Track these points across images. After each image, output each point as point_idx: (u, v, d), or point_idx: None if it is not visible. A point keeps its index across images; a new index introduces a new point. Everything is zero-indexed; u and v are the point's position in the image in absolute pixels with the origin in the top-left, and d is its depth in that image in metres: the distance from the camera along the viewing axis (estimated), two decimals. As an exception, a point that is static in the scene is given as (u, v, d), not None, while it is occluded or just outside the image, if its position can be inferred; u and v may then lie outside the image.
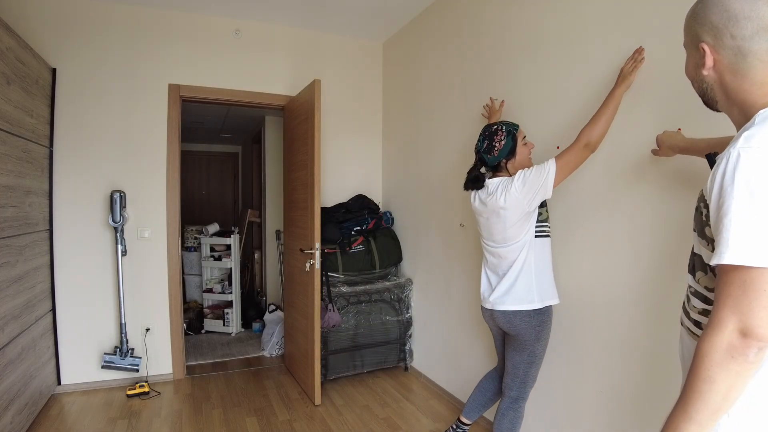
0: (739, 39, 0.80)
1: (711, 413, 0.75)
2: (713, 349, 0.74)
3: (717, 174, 0.77)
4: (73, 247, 3.04)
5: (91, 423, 2.63)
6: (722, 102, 0.88)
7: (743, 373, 0.73)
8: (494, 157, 1.88)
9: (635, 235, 1.74)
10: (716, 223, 0.76)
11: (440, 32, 3.05)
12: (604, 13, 1.87)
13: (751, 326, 0.71)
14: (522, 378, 1.90)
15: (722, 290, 0.75)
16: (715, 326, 0.74)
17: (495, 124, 1.91)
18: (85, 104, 3.06)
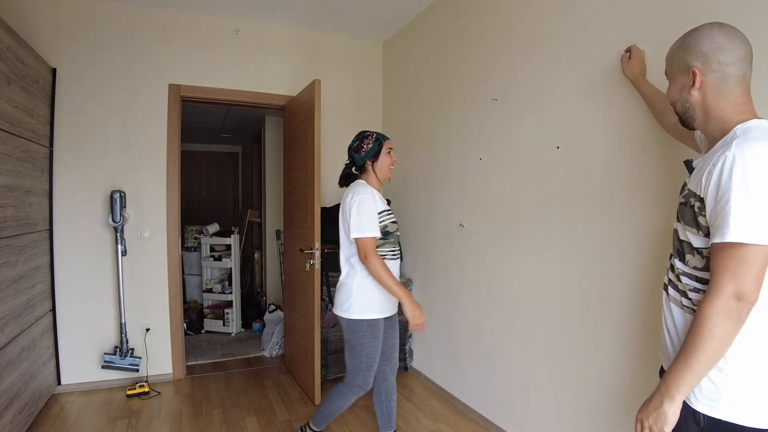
0: (723, 65, 1.02)
1: (707, 362, 0.95)
2: (713, 310, 0.93)
3: (714, 172, 0.95)
4: (73, 247, 3.04)
5: (91, 423, 2.63)
6: (700, 119, 1.09)
7: (736, 329, 0.93)
8: (361, 156, 2.08)
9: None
10: (716, 212, 0.95)
11: (440, 32, 3.05)
12: (604, 13, 1.87)
13: (744, 292, 0.91)
14: (347, 370, 2.08)
15: (721, 263, 0.94)
16: (715, 293, 0.93)
17: (368, 131, 2.12)
18: (85, 104, 3.06)
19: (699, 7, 1.51)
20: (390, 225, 2.04)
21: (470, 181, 2.76)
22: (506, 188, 2.46)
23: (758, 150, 0.92)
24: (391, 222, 2.05)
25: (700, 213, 1.00)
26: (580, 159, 2.00)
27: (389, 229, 2.04)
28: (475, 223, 2.73)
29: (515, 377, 2.41)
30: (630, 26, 1.76)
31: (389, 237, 2.04)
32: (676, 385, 0.98)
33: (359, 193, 1.98)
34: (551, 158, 2.15)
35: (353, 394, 2.07)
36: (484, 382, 2.66)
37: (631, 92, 1.76)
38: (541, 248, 2.22)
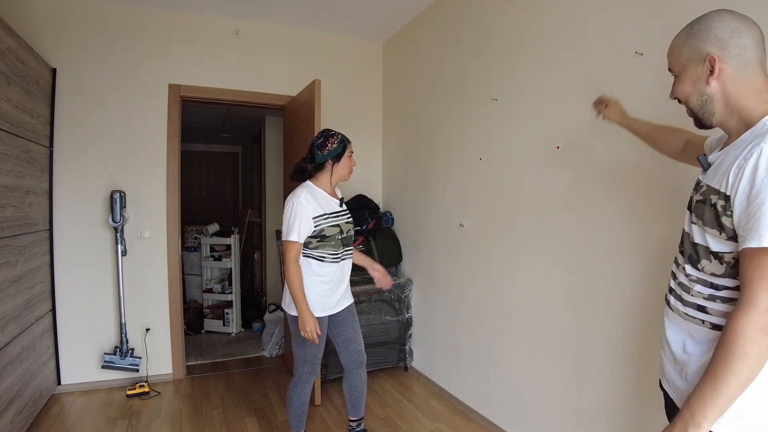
0: (742, 48, 0.92)
1: (740, 386, 0.82)
2: (748, 326, 0.81)
3: (747, 168, 0.84)
4: (73, 247, 3.04)
5: (91, 423, 2.63)
6: (720, 112, 0.97)
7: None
8: (323, 155, 2.10)
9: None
10: (749, 213, 0.83)
11: (440, 32, 3.05)
12: (604, 13, 1.87)
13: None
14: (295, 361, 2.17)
15: (756, 272, 0.82)
16: (750, 306, 0.81)
17: (333, 131, 2.14)
18: (85, 104, 3.06)
19: (700, 6, 1.51)
20: (327, 229, 2.06)
21: (470, 181, 2.76)
22: (506, 188, 2.46)
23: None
24: (329, 226, 2.07)
25: (725, 213, 0.88)
26: (580, 159, 2.00)
27: (326, 233, 2.06)
28: (475, 223, 2.73)
29: (515, 377, 2.41)
30: (630, 26, 1.76)
31: (326, 240, 2.07)
32: (702, 412, 0.84)
33: (295, 195, 2.05)
34: (551, 158, 2.15)
35: (304, 381, 2.16)
36: (484, 382, 2.66)
37: (631, 92, 1.76)
38: (542, 248, 2.22)
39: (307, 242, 2.06)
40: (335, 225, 2.10)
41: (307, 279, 2.06)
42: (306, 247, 2.07)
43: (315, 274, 2.07)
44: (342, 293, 2.17)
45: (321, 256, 2.07)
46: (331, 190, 2.17)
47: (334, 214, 2.12)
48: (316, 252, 2.07)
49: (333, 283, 2.12)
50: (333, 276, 2.11)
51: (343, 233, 2.12)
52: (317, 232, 2.05)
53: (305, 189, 2.08)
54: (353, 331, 2.24)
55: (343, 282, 2.17)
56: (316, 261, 2.08)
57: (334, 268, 2.11)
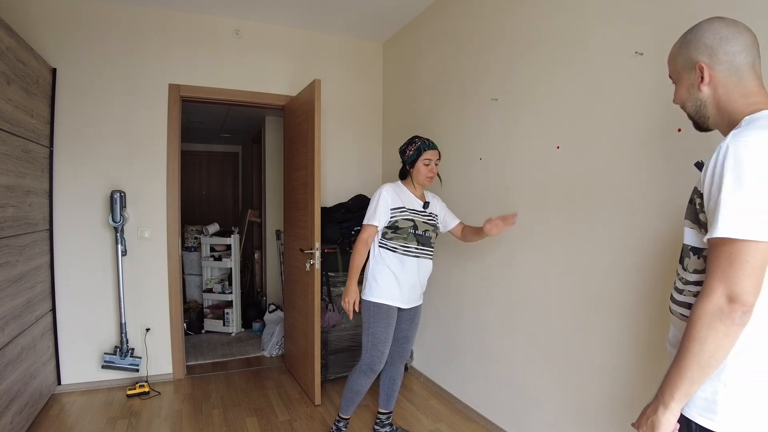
0: (731, 54, 0.96)
1: (701, 369, 0.87)
2: (704, 312, 0.86)
3: (710, 165, 0.90)
4: (73, 247, 3.04)
5: (91, 423, 2.63)
6: (713, 116, 1.02)
7: (730, 334, 0.85)
8: (404, 160, 2.31)
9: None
10: (710, 206, 0.89)
11: (440, 32, 3.05)
12: (604, 13, 1.87)
13: (736, 293, 0.83)
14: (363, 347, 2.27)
15: (712, 262, 0.87)
16: (706, 293, 0.87)
17: (418, 138, 2.28)
18: (86, 104, 3.06)
19: (700, 4, 1.51)
20: (401, 221, 2.20)
21: (470, 181, 2.76)
22: (506, 188, 2.46)
23: (754, 138, 0.85)
24: (403, 219, 2.20)
25: (701, 210, 0.94)
26: (580, 159, 2.00)
27: (399, 224, 2.20)
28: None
29: (515, 377, 2.41)
30: (630, 26, 1.76)
31: (399, 232, 2.20)
32: (669, 392, 0.91)
33: (381, 187, 2.26)
34: (551, 158, 2.15)
35: (361, 371, 2.26)
36: (484, 382, 2.66)
37: (632, 92, 1.76)
38: (542, 248, 2.22)
39: (383, 232, 2.24)
40: (410, 219, 2.21)
41: (379, 267, 2.23)
42: (383, 237, 2.24)
43: (386, 264, 2.21)
44: (414, 291, 2.26)
45: (393, 247, 2.21)
46: (417, 192, 2.31)
47: (412, 210, 2.24)
48: (390, 243, 2.22)
49: (403, 277, 2.20)
50: (404, 269, 2.20)
51: (417, 229, 2.22)
52: (392, 223, 2.21)
53: (391, 183, 2.29)
54: (411, 332, 2.37)
55: (416, 280, 2.24)
56: (389, 251, 2.22)
57: (405, 262, 2.20)
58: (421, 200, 2.31)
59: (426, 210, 2.30)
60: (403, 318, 2.32)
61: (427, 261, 2.28)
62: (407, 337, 2.36)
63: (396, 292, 2.21)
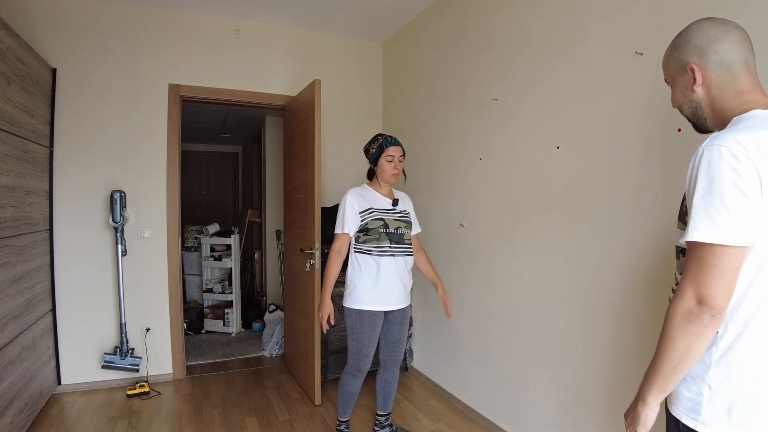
0: (721, 53, 0.95)
1: (672, 367, 0.89)
2: (675, 313, 0.88)
3: (689, 168, 0.91)
4: (73, 247, 3.04)
5: (91, 423, 2.63)
6: (710, 117, 1.01)
7: (699, 335, 0.86)
8: (368, 158, 2.28)
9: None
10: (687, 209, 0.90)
11: (440, 32, 3.05)
12: (604, 14, 1.87)
13: (704, 295, 0.84)
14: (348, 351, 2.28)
15: (686, 265, 0.89)
16: (678, 294, 0.88)
17: (380, 135, 2.26)
18: (86, 104, 3.06)
19: (700, 5, 1.51)
20: (371, 222, 2.18)
21: (470, 181, 2.76)
22: (506, 188, 2.46)
23: (730, 141, 0.84)
24: (372, 219, 2.18)
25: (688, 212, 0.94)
26: (580, 159, 2.00)
27: (369, 226, 2.18)
28: (475, 223, 2.73)
29: (515, 377, 2.41)
30: (630, 25, 1.76)
31: (371, 233, 2.19)
32: (647, 388, 0.94)
33: (345, 194, 2.24)
34: (551, 158, 2.15)
35: (347, 374, 2.29)
36: (484, 382, 2.66)
37: (631, 92, 1.76)
38: (542, 248, 2.22)
39: (356, 237, 2.23)
40: (379, 218, 2.19)
41: (357, 272, 2.21)
42: (356, 242, 2.23)
43: (363, 268, 2.20)
44: (396, 291, 2.22)
45: (367, 249, 2.20)
46: (384, 191, 2.28)
47: (380, 210, 2.22)
48: (364, 246, 2.21)
49: (382, 279, 2.18)
50: (381, 270, 2.18)
51: (388, 227, 2.20)
52: (362, 226, 2.20)
53: (355, 188, 2.29)
54: (401, 335, 2.33)
55: (397, 279, 2.22)
56: (363, 255, 2.21)
57: (381, 263, 2.18)
58: (389, 198, 2.28)
59: (396, 207, 2.27)
60: (392, 321, 2.29)
61: (404, 258, 2.25)
62: (398, 340, 2.33)
63: (377, 297, 2.19)
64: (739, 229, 0.82)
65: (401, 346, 2.35)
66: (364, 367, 2.25)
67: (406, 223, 2.27)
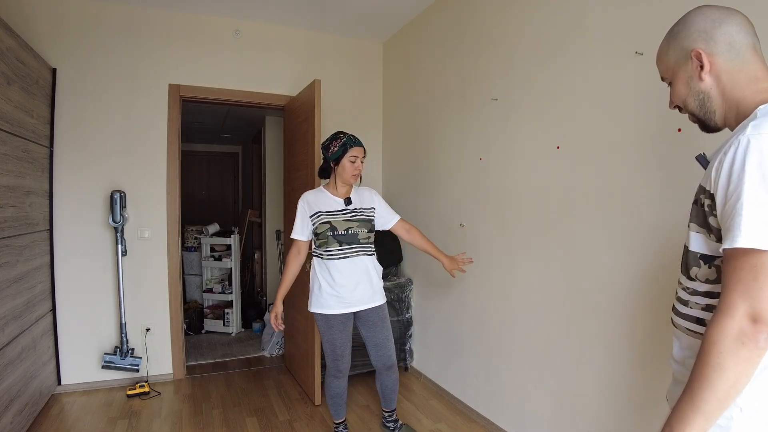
0: (729, 35, 0.85)
1: (718, 402, 0.74)
2: (724, 335, 0.73)
3: (725, 162, 0.77)
4: (73, 247, 3.04)
5: (91, 423, 2.63)
6: (720, 108, 0.89)
7: (753, 359, 0.72)
8: (327, 156, 2.22)
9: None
10: (726, 211, 0.76)
11: (440, 32, 3.05)
12: (604, 13, 1.87)
13: (761, 311, 0.71)
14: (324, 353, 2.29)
15: (732, 276, 0.74)
16: (725, 312, 0.74)
17: (341, 133, 2.22)
18: (86, 104, 3.06)
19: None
20: (319, 226, 2.17)
21: (470, 181, 2.76)
22: (506, 188, 2.46)
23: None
24: (321, 223, 2.17)
25: (711, 212, 0.81)
26: (580, 159, 2.00)
27: (318, 230, 2.18)
28: (475, 223, 2.73)
29: (515, 377, 2.41)
30: (630, 25, 1.76)
31: (320, 237, 2.18)
32: (680, 429, 0.77)
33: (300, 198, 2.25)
34: (551, 158, 2.15)
35: (330, 376, 2.30)
36: (484, 382, 2.66)
37: (631, 92, 1.76)
38: (542, 248, 2.22)
39: (313, 241, 2.24)
40: (326, 222, 2.17)
41: (314, 277, 2.24)
42: (313, 246, 2.25)
43: (318, 272, 2.22)
44: (360, 291, 2.20)
45: (319, 253, 2.22)
46: (338, 191, 2.26)
47: (330, 213, 2.19)
48: (318, 250, 2.22)
49: (337, 282, 2.17)
50: (334, 273, 2.17)
51: (336, 230, 2.17)
52: (313, 230, 2.21)
53: (311, 191, 2.28)
54: (383, 337, 2.28)
55: (355, 280, 2.19)
56: (317, 259, 2.23)
57: (333, 266, 2.17)
58: (341, 198, 2.24)
59: (348, 207, 2.23)
60: (368, 322, 2.25)
61: (361, 258, 2.20)
62: (382, 343, 2.27)
63: (338, 299, 2.17)
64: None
65: (387, 348, 2.29)
66: (343, 367, 2.26)
67: (359, 222, 2.22)
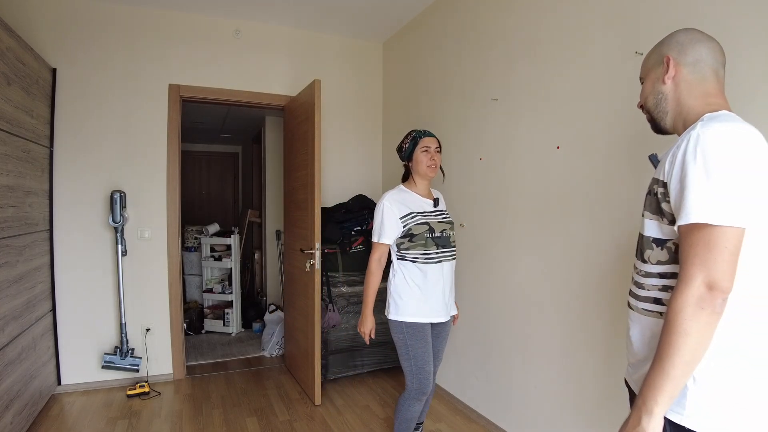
0: (698, 55, 1.01)
1: (685, 365, 0.84)
2: (685, 303, 0.84)
3: (678, 153, 0.90)
4: (73, 248, 3.04)
5: (91, 423, 2.63)
6: (672, 111, 1.05)
7: (712, 323, 0.84)
8: (401, 155, 2.11)
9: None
10: (680, 193, 0.88)
11: (440, 32, 3.05)
12: (603, 14, 1.87)
13: (715, 279, 0.82)
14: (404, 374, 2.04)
15: (689, 250, 0.86)
16: (685, 282, 0.85)
17: (412, 130, 2.10)
18: (86, 104, 3.06)
19: (699, 5, 1.51)
20: (414, 227, 1.98)
21: (470, 181, 2.76)
22: (506, 188, 2.46)
23: (723, 128, 0.86)
24: (416, 224, 1.98)
25: (664, 199, 0.94)
26: (580, 159, 2.00)
27: (414, 231, 1.98)
28: (475, 223, 2.73)
29: (515, 377, 2.41)
30: (630, 25, 1.76)
31: (415, 240, 1.98)
32: (653, 397, 0.86)
33: (381, 199, 2.04)
34: (551, 158, 2.15)
35: (412, 398, 2.01)
36: (484, 382, 2.66)
37: (631, 92, 1.76)
38: (542, 248, 2.22)
39: (399, 243, 2.02)
40: (423, 223, 1.99)
41: (402, 282, 2.02)
42: (399, 249, 2.03)
43: (409, 277, 2.00)
44: (443, 300, 2.03)
45: (413, 257, 1.99)
46: (421, 190, 2.09)
47: (423, 213, 2.02)
48: (409, 254, 2.00)
49: (430, 288, 1.99)
50: (428, 279, 1.99)
51: (434, 232, 2.00)
52: (405, 232, 1.99)
53: (390, 191, 2.07)
54: (442, 345, 2.15)
55: (444, 287, 2.03)
56: (408, 263, 2.01)
57: (428, 271, 1.99)
58: (429, 198, 2.10)
59: (437, 208, 2.09)
60: (441, 334, 2.12)
61: (450, 263, 2.07)
62: (436, 353, 2.12)
63: (425, 307, 2.00)
64: (743, 209, 0.83)
65: (438, 357, 2.15)
66: (427, 388, 2.00)
67: (450, 224, 2.09)
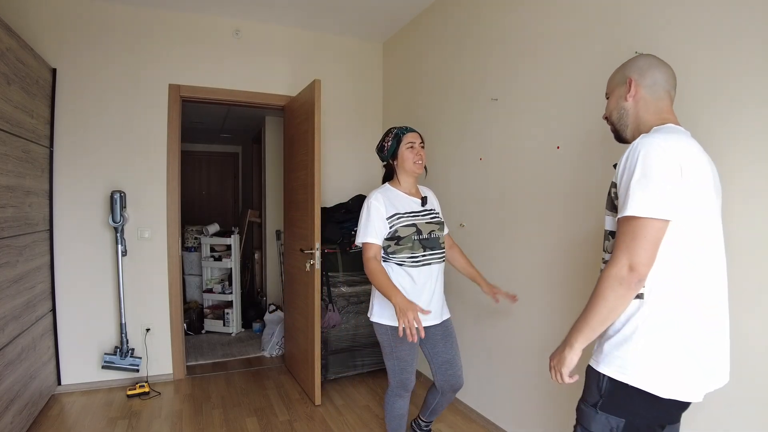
0: (655, 78, 1.21)
1: (600, 321, 1.09)
2: (609, 277, 1.06)
3: (623, 160, 1.09)
4: (73, 248, 3.04)
5: (91, 423, 2.63)
6: (631, 124, 1.25)
7: (626, 296, 1.06)
8: (384, 155, 2.04)
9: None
10: (621, 193, 1.08)
11: (440, 32, 3.05)
12: (603, 15, 1.87)
13: (635, 263, 1.03)
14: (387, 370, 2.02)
15: (619, 237, 1.07)
16: (612, 262, 1.06)
17: (392, 128, 2.05)
18: (86, 104, 3.06)
19: (698, 5, 1.51)
20: (401, 229, 1.90)
21: (470, 181, 2.76)
22: (506, 188, 2.46)
23: (658, 139, 1.06)
24: (403, 226, 1.91)
25: (616, 197, 1.13)
26: (580, 159, 2.00)
27: (400, 233, 1.90)
28: (475, 223, 2.73)
29: (515, 377, 2.41)
30: (630, 25, 1.76)
31: (402, 242, 1.90)
32: (576, 337, 1.14)
33: (368, 198, 1.97)
34: (551, 158, 2.15)
35: (393, 395, 2.02)
36: (484, 382, 2.66)
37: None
38: (542, 248, 2.22)
39: (385, 246, 1.93)
40: (410, 224, 1.92)
41: None
42: (385, 251, 1.94)
43: (395, 280, 1.90)
44: (433, 303, 1.96)
45: (399, 260, 1.92)
46: (409, 189, 2.02)
47: (410, 214, 1.95)
48: (395, 257, 1.93)
49: (417, 291, 1.91)
50: (416, 282, 1.91)
51: (421, 234, 1.93)
52: (392, 233, 1.91)
53: (378, 190, 1.99)
54: (452, 353, 2.03)
55: (432, 290, 1.95)
56: (394, 266, 1.93)
57: (415, 274, 1.92)
58: (416, 197, 2.01)
59: (425, 207, 2.01)
60: (435, 338, 2.01)
61: (439, 266, 2.00)
62: (450, 360, 2.02)
63: None
64: (664, 205, 1.02)
65: (458, 367, 2.04)
66: (410, 385, 1.99)
67: (438, 225, 2.01)
